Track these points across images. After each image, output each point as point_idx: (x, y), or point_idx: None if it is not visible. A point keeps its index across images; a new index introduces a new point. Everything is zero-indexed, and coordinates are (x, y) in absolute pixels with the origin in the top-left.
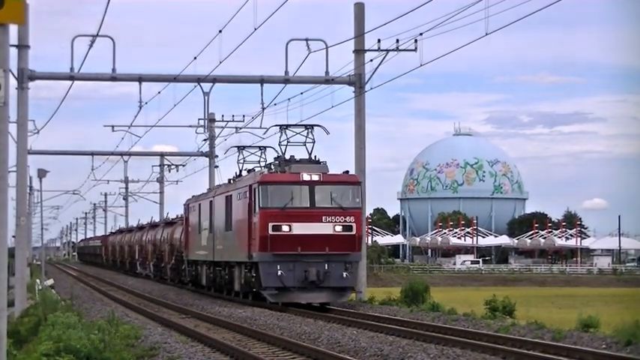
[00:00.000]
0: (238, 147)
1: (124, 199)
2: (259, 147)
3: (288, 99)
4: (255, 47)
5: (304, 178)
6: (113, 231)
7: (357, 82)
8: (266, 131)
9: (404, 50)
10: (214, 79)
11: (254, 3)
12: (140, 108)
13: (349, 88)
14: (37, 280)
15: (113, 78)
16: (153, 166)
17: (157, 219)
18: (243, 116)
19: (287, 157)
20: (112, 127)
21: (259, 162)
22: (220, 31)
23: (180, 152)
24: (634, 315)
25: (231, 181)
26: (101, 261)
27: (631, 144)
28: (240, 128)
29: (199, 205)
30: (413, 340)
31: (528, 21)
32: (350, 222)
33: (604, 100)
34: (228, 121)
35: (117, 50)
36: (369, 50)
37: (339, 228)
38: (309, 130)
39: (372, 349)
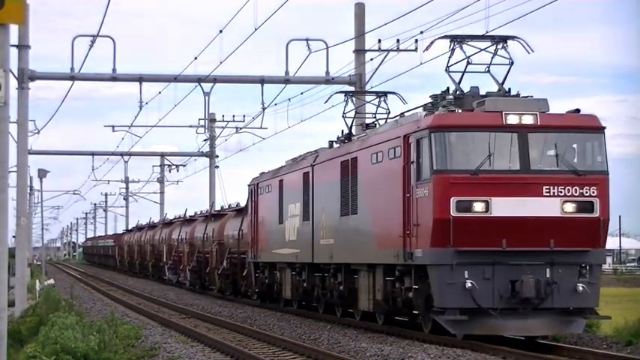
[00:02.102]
0: (346, 92)
1: (124, 199)
2: (376, 92)
3: (289, 99)
4: (255, 47)
5: (510, 121)
6: (129, 228)
7: (358, 82)
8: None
9: (404, 50)
10: (214, 79)
11: (254, 3)
12: (140, 108)
13: (349, 88)
14: (37, 281)
15: (113, 78)
16: (153, 166)
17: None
18: (244, 116)
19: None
20: (113, 127)
21: (375, 116)
22: (220, 31)
23: (181, 152)
24: (634, 315)
25: (340, 142)
26: (114, 263)
27: (631, 144)
28: (241, 128)
29: (280, 182)
30: (413, 340)
31: (528, 21)
32: (590, 196)
33: (604, 100)
34: (228, 121)
35: (117, 50)
36: (369, 50)
37: (570, 207)
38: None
39: (373, 349)
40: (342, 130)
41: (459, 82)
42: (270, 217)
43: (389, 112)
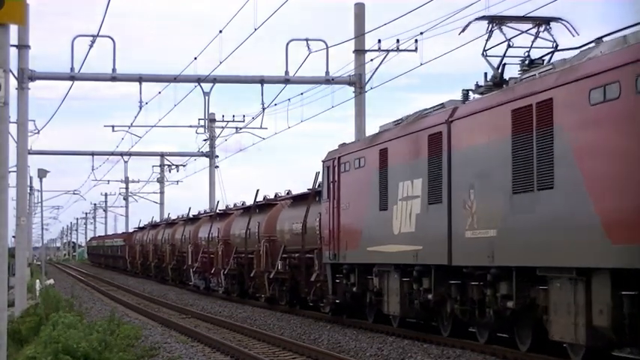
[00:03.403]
0: (490, 19)
1: (124, 199)
2: (534, 19)
3: (289, 99)
4: (255, 47)
5: None
6: (142, 225)
7: (358, 82)
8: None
9: (404, 50)
10: (214, 79)
11: (254, 3)
12: (140, 108)
13: (349, 88)
14: (37, 280)
15: (113, 78)
16: (153, 166)
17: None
18: (244, 116)
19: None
20: (112, 127)
21: (529, 52)
22: (220, 31)
23: (181, 152)
24: None
25: (486, 88)
26: (123, 265)
27: None
28: (241, 128)
29: (383, 152)
30: (413, 340)
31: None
32: None
33: None
34: (228, 121)
35: (117, 50)
36: (369, 50)
37: None
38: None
39: (372, 349)
40: (485, 74)
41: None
42: (364, 202)
43: (556, 46)
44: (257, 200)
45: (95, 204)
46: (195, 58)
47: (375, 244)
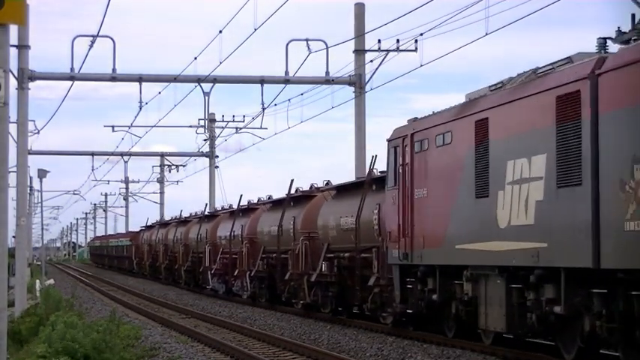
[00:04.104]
0: None
1: (124, 199)
2: None
3: (289, 99)
4: (255, 47)
5: None
6: (150, 224)
7: (358, 82)
8: None
9: (404, 50)
10: (214, 79)
11: (254, 3)
12: (140, 108)
13: (349, 88)
14: (37, 281)
15: (113, 78)
16: (153, 166)
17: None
18: (244, 116)
19: None
20: (112, 127)
21: None
22: (220, 31)
23: (181, 152)
24: None
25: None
26: (130, 266)
27: None
28: (241, 128)
29: (481, 123)
30: (413, 340)
31: (528, 21)
32: None
33: None
34: (228, 122)
35: (117, 50)
36: (369, 50)
37: None
38: None
39: (372, 349)
40: (633, 15)
41: None
42: (450, 188)
43: None
44: (291, 192)
45: (95, 204)
46: (195, 58)
47: (468, 241)
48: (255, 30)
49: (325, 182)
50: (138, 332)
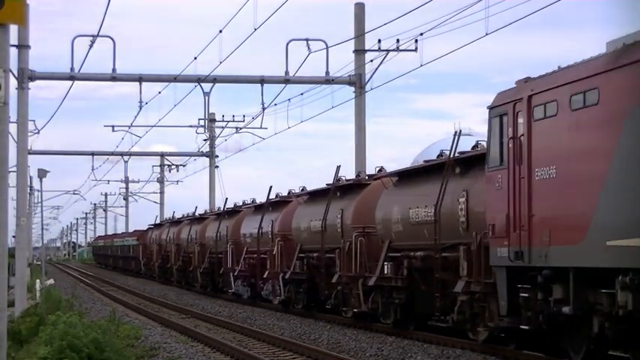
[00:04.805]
0: None
1: (124, 199)
2: None
3: (289, 99)
4: (255, 47)
5: None
6: (159, 222)
7: (358, 82)
8: None
9: (404, 50)
10: (214, 79)
11: (254, 3)
12: (140, 108)
13: (349, 88)
14: (37, 280)
15: (113, 78)
16: (153, 166)
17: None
18: (244, 116)
19: None
20: (112, 127)
21: None
22: (220, 31)
23: (181, 152)
24: None
25: None
26: (137, 267)
27: None
28: (241, 128)
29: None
30: (413, 340)
31: (528, 21)
32: None
33: None
34: (228, 121)
35: (117, 50)
36: (369, 50)
37: None
38: None
39: (372, 349)
40: None
41: None
42: (595, 166)
43: None
44: (337, 181)
45: (95, 204)
46: (195, 58)
47: (627, 236)
48: (255, 30)
49: (378, 169)
50: (138, 332)
